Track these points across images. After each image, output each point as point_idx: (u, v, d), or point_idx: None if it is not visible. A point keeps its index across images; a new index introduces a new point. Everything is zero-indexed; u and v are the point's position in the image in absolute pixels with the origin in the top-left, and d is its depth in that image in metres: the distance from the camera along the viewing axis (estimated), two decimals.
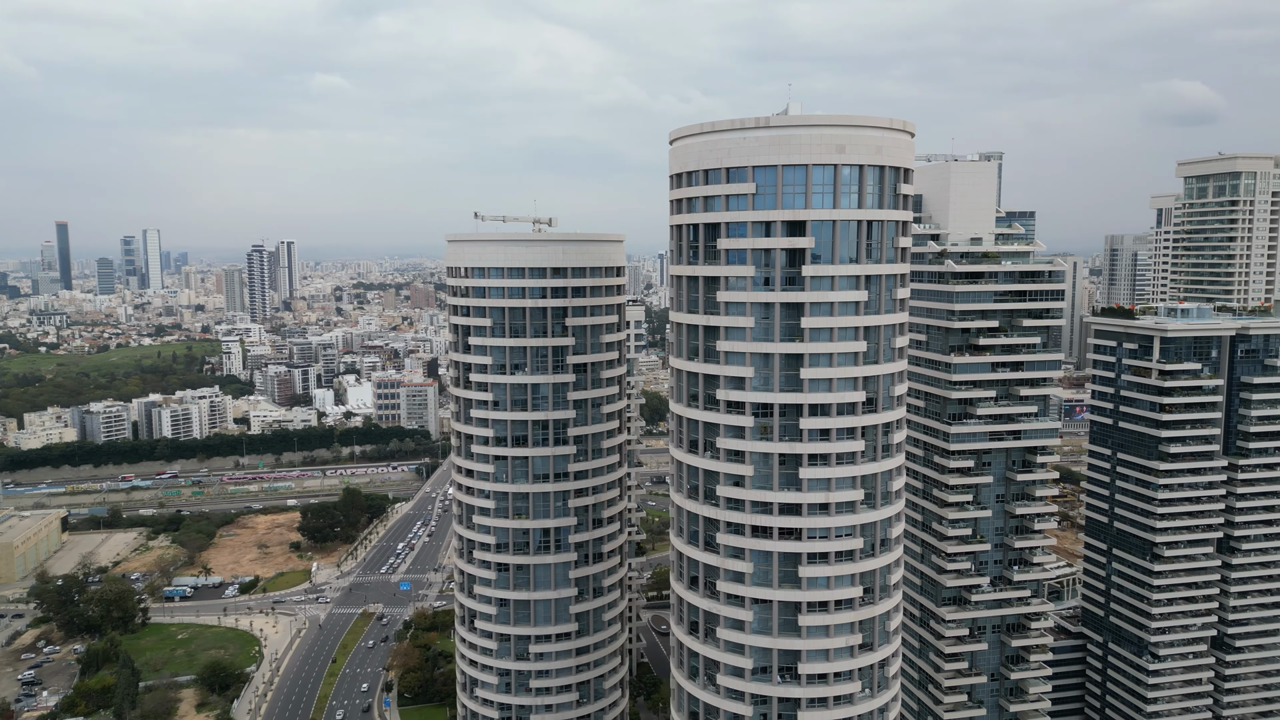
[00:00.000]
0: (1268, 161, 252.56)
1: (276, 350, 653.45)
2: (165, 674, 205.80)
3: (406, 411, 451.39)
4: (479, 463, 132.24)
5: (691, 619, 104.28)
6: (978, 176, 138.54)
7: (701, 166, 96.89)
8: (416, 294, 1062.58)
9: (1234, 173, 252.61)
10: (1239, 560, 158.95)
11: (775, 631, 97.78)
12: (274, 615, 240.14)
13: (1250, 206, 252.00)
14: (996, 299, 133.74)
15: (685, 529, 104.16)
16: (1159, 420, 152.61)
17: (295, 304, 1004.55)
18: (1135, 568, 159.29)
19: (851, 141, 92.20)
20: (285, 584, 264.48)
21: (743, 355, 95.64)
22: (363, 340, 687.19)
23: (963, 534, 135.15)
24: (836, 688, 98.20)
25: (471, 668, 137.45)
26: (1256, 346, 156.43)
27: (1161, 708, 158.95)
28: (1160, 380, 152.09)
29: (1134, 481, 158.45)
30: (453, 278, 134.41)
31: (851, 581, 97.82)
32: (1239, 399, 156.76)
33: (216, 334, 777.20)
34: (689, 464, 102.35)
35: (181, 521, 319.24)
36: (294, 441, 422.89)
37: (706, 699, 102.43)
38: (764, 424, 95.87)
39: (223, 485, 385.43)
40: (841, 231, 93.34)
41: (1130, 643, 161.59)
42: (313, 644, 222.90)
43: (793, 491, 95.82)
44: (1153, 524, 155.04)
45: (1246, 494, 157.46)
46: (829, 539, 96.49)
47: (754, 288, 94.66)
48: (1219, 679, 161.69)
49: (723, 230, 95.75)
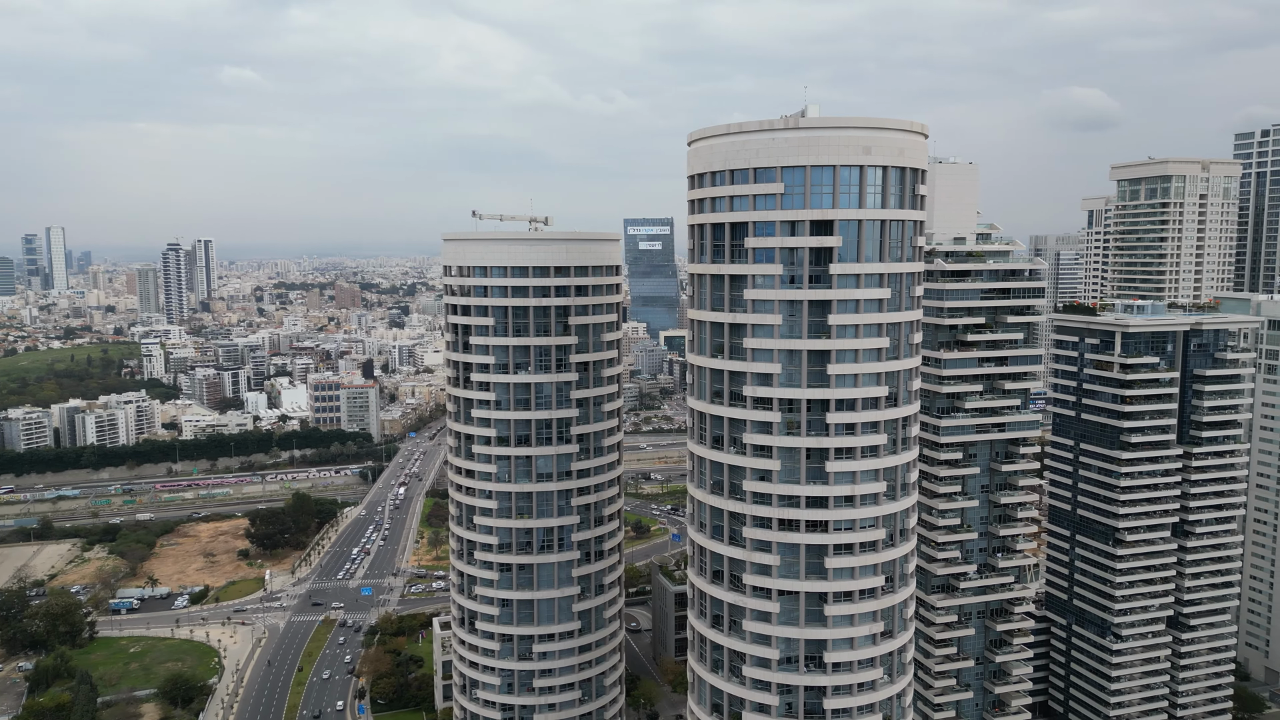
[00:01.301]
0: (1196, 165, 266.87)
1: (201, 353, 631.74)
2: (123, 689, 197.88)
3: (347, 414, 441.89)
4: (480, 463, 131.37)
5: (715, 612, 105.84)
6: (960, 178, 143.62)
7: (728, 166, 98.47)
8: (342, 294, 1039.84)
9: (1165, 176, 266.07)
10: (1193, 544, 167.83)
11: (802, 622, 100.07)
12: (230, 625, 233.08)
13: (1180, 208, 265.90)
14: (983, 296, 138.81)
15: (708, 524, 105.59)
16: (1120, 411, 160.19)
17: (214, 305, 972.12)
18: (1098, 552, 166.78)
19: (876, 143, 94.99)
20: (238, 593, 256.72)
21: (770, 352, 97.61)
22: (291, 342, 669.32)
23: (952, 524, 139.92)
24: (860, 675, 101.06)
25: (471, 669, 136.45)
26: (1208, 341, 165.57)
27: (1124, 685, 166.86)
28: (1121, 374, 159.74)
29: (1096, 470, 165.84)
30: (451, 277, 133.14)
31: (874, 571, 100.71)
32: (1192, 390, 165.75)
33: (132, 336, 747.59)
34: (713, 459, 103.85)
35: (118, 531, 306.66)
36: (230, 446, 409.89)
37: (731, 690, 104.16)
38: (791, 419, 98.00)
39: (156, 493, 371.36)
40: (867, 231, 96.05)
41: (1094, 624, 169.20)
42: (275, 653, 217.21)
43: (820, 485, 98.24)
44: (1115, 510, 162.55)
45: (1200, 480, 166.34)
46: (854, 530, 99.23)
47: (781, 286, 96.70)
48: (1175, 656, 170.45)
49: (750, 229, 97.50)
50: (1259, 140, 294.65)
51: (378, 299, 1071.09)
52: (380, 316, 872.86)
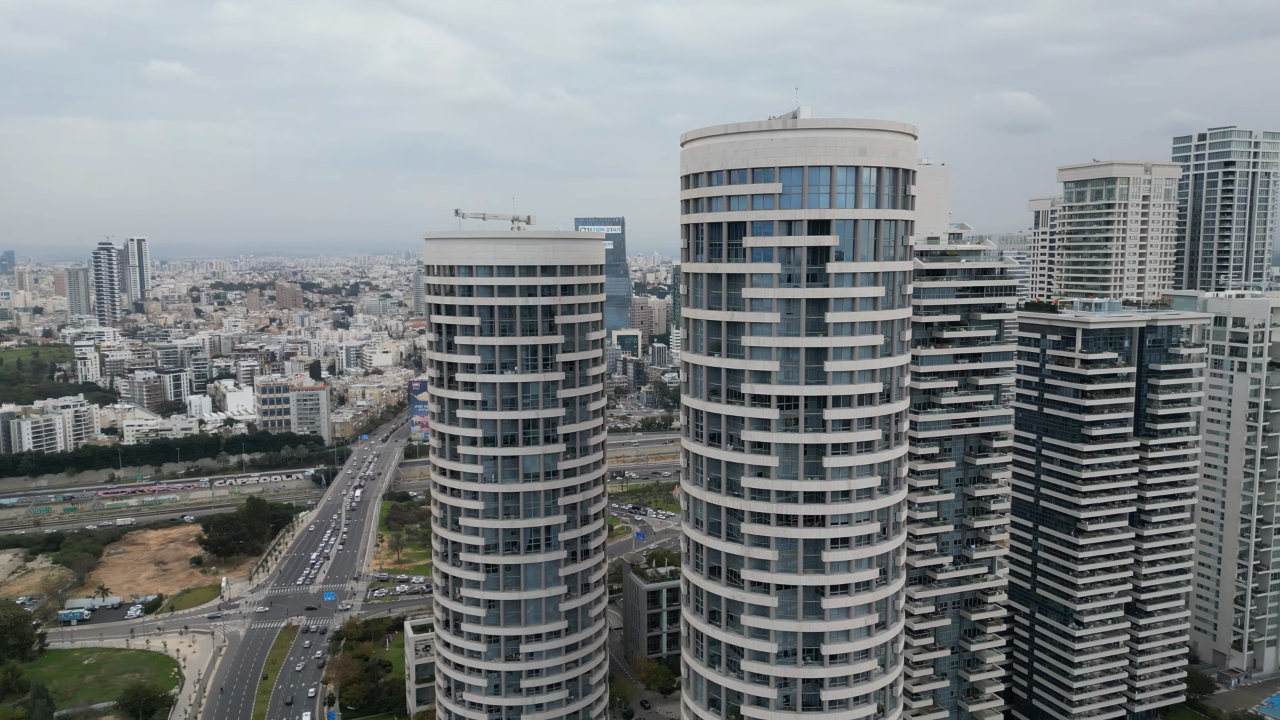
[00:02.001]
0: (1139, 168, 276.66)
1: (138, 355, 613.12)
2: (80, 702, 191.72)
3: (297, 416, 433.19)
4: (466, 464, 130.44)
5: (712, 608, 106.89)
6: (933, 179, 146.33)
7: (726, 166, 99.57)
8: (283, 294, 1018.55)
9: (1110, 178, 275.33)
10: (1149, 532, 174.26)
11: (800, 615, 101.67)
12: (189, 634, 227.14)
13: (1125, 208, 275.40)
14: (958, 294, 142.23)
15: (705, 520, 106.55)
16: (1081, 405, 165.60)
17: (148, 305, 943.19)
18: (1060, 542, 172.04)
19: (872, 144, 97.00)
20: (194, 601, 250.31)
21: (769, 350, 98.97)
22: (233, 343, 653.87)
23: (929, 516, 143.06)
24: (856, 666, 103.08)
25: (457, 671, 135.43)
26: (1161, 337, 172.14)
27: (1085, 670, 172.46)
28: (1082, 369, 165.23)
29: (1059, 463, 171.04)
30: (434, 276, 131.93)
31: (869, 564, 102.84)
32: (1147, 385, 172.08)
33: (64, 339, 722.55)
34: (709, 457, 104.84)
35: (61, 540, 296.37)
36: (175, 451, 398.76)
37: (729, 684, 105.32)
38: (789, 416, 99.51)
39: (99, 500, 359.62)
40: (862, 231, 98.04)
41: (1056, 612, 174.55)
42: (237, 662, 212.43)
43: (817, 480, 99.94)
44: (1077, 501, 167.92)
45: (1155, 471, 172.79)
46: (850, 524, 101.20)
47: (779, 284, 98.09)
48: (1134, 641, 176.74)
49: (748, 229, 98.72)
50: (1195, 144, 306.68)
51: (320, 299, 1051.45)
52: (324, 317, 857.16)
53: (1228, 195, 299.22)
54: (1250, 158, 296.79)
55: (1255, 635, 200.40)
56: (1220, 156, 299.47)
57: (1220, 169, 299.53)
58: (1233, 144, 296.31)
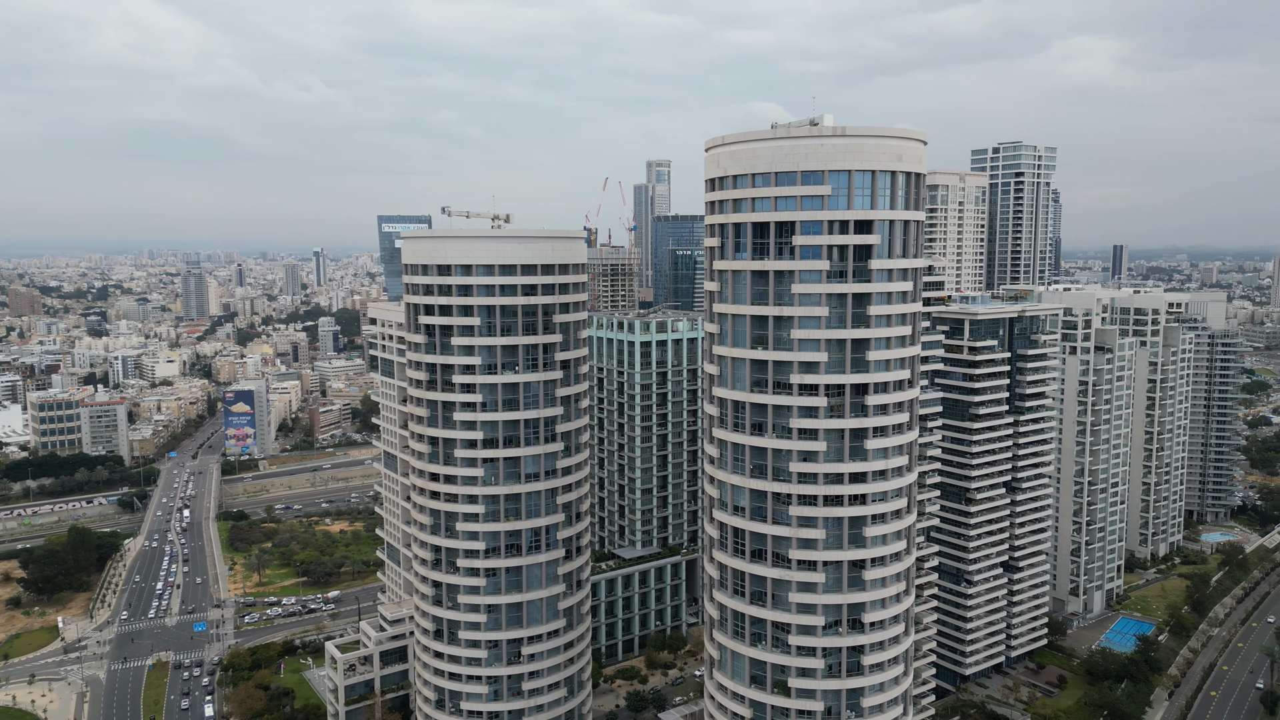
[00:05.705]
0: (955, 176, 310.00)
1: None
2: None
3: (90, 435, 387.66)
4: (464, 467, 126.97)
5: (755, 589, 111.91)
6: None
7: (774, 169, 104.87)
8: (17, 299, 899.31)
9: (933, 185, 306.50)
10: (1020, 498, 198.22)
11: (845, 588, 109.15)
12: (39, 683, 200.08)
13: (945, 213, 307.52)
14: None
15: (747, 507, 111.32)
16: (970, 388, 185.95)
17: None
18: (955, 511, 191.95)
19: (904, 151, 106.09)
20: (29, 646, 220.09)
21: (817, 342, 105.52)
22: None
23: None
24: (891, 630, 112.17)
25: (452, 681, 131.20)
26: (1027, 325, 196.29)
27: (975, 624, 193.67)
28: (970, 355, 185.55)
29: (951, 440, 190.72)
30: (420, 276, 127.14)
31: (899, 537, 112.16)
32: (1016, 368, 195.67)
33: None
34: (753, 445, 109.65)
35: None
36: None
37: (775, 659, 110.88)
38: (835, 403, 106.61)
39: None
40: (897, 230, 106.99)
41: (949, 574, 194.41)
42: (109, 706, 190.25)
43: (860, 461, 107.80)
44: (968, 474, 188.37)
45: (1024, 443, 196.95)
46: (886, 500, 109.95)
47: (827, 280, 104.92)
48: (1010, 595, 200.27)
49: (796, 228, 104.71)
50: (990, 156, 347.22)
51: (63, 304, 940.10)
52: (75, 324, 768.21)
53: (1019, 202, 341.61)
54: (1036, 168, 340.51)
55: (1088, 582, 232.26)
56: (1012, 167, 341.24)
57: (1012, 179, 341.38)
58: (1022, 156, 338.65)
